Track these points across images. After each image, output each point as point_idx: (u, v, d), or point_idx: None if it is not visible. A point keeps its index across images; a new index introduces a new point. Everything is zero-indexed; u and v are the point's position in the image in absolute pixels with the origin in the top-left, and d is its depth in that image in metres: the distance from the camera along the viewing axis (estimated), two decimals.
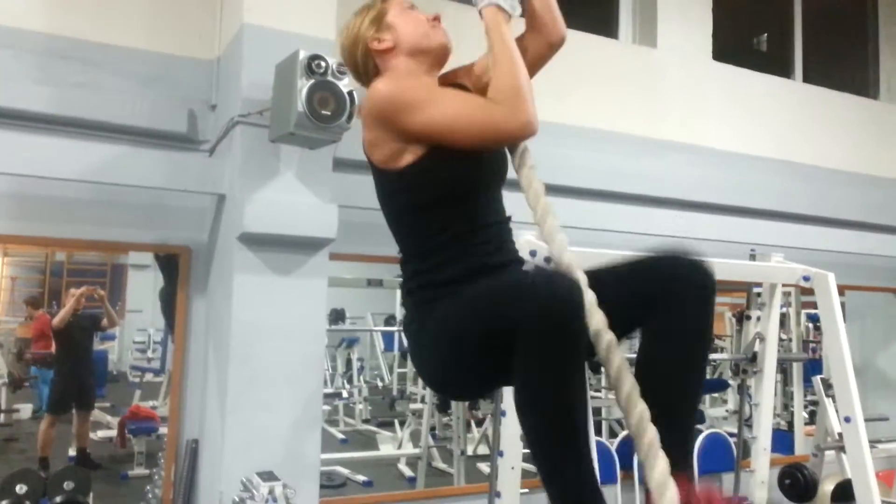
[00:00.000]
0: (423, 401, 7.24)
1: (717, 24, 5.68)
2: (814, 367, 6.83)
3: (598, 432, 6.62)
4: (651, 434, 1.32)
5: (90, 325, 7.04)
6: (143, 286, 14.02)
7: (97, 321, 7.18)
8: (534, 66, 1.69)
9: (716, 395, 8.78)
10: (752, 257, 4.02)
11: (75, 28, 3.61)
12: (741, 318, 3.98)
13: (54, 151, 3.32)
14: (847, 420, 3.36)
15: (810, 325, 8.97)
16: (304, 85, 3.02)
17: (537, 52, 1.73)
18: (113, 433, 7.07)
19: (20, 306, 12.84)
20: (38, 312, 9.75)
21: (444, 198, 1.59)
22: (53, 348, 7.09)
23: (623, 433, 4.94)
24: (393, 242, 1.80)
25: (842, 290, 7.37)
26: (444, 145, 1.53)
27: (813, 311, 9.49)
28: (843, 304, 8.76)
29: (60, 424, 6.72)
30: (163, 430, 5.73)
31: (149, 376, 11.45)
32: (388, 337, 11.07)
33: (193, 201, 3.80)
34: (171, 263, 3.98)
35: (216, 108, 3.82)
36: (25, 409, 8.77)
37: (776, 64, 6.47)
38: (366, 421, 9.09)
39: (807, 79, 6.43)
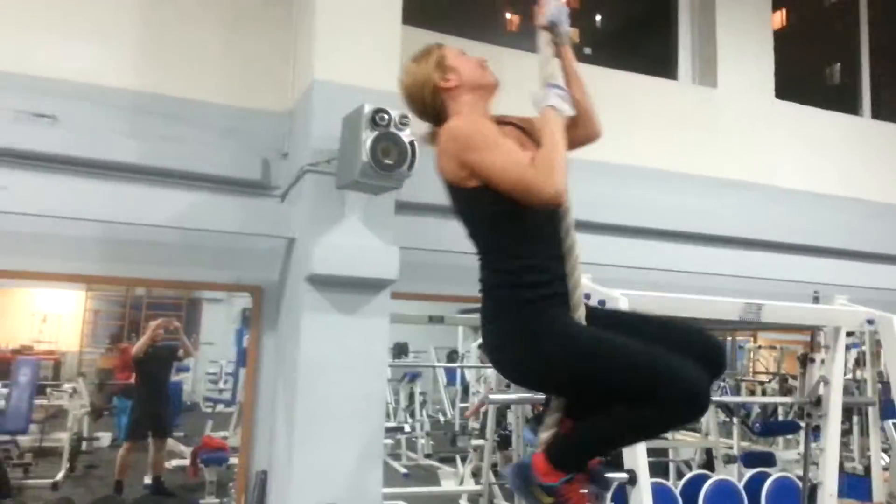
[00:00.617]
0: (484, 437, 7.27)
1: (781, 62, 5.67)
2: (893, 409, 6.57)
3: (665, 474, 6.51)
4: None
5: (167, 356, 7.37)
6: (217, 320, 14.64)
7: (174, 352, 7.51)
8: (570, 150, 1.99)
9: (789, 437, 8.50)
10: (816, 299, 3.97)
11: (160, 85, 3.92)
12: (805, 360, 3.91)
13: (141, 200, 3.61)
14: None
15: None
16: (368, 136, 3.21)
17: (576, 141, 2.11)
18: (186, 462, 7.34)
19: (103, 338, 13.52)
20: (122, 345, 10.21)
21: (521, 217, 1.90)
22: (133, 378, 7.44)
23: (689, 474, 4.88)
24: (452, 281, 2.03)
25: None
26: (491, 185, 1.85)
27: None
28: None
29: (137, 452, 7.04)
30: (233, 460, 5.96)
31: (220, 407, 11.83)
32: (450, 372, 11.14)
33: (265, 243, 4.03)
34: None
35: (287, 157, 4.06)
36: (105, 438, 9.20)
37: (844, 100, 6.39)
38: (427, 456, 9.16)
39: (875, 115, 6.32)
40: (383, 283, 3.65)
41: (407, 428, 9.20)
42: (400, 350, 11.36)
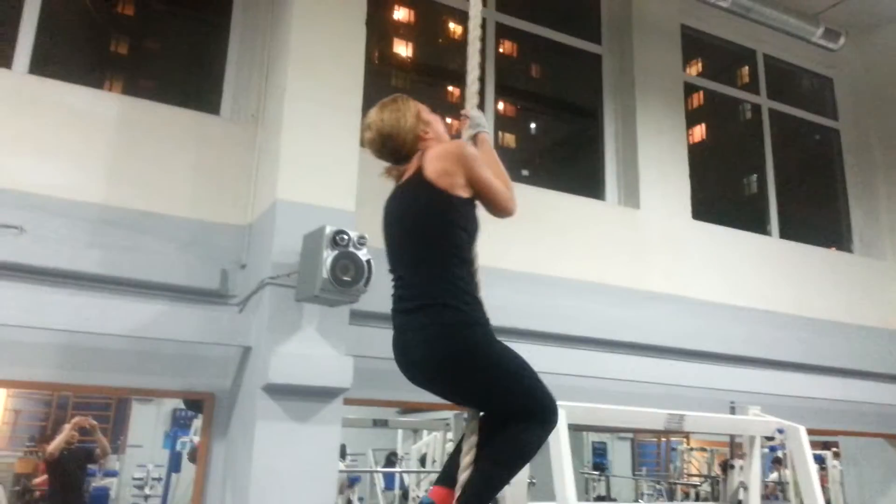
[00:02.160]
0: None
1: (701, 173, 6.20)
2: None
3: None
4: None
5: (84, 458, 7.05)
6: (146, 421, 14.04)
7: (90, 453, 7.19)
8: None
9: None
10: (732, 409, 4.31)
11: (126, 199, 4.12)
12: (725, 466, 4.21)
13: (102, 309, 3.73)
14: None
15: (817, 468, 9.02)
16: (329, 255, 3.49)
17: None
18: None
19: (23, 441, 12.80)
20: (45, 446, 9.74)
21: (474, 233, 2.30)
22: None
23: None
24: (402, 388, 2.29)
25: (834, 434, 7.55)
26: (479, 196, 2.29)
27: (817, 453, 9.57)
28: (837, 450, 8.85)
29: None
30: None
31: None
32: (388, 476, 11.01)
33: (219, 351, 4.16)
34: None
35: (246, 268, 4.26)
36: None
37: (754, 221, 7.00)
38: None
39: (783, 234, 6.94)
40: (337, 392, 3.83)
41: None
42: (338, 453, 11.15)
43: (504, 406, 2.15)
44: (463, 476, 2.10)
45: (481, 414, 2.21)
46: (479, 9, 2.67)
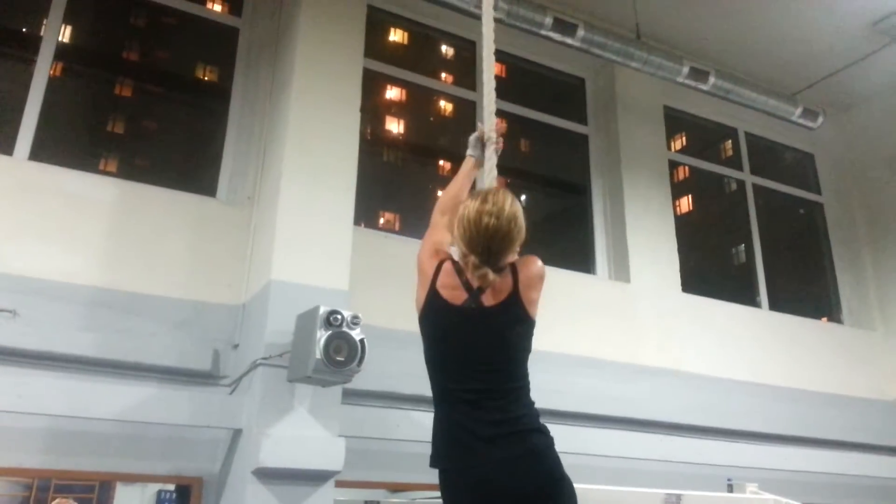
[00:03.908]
0: None
1: (689, 243, 6.28)
2: None
3: None
4: None
5: None
6: (130, 502, 13.66)
7: None
8: None
9: None
10: (730, 487, 4.27)
11: (121, 281, 4.14)
12: None
13: (91, 393, 3.70)
14: None
15: None
16: (322, 335, 3.50)
17: None
18: None
19: None
20: None
21: None
22: None
23: None
24: (393, 468, 2.20)
25: None
26: None
27: None
28: None
29: None
30: None
31: None
32: None
33: (208, 434, 4.11)
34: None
35: (238, 348, 4.26)
36: None
37: (744, 292, 7.06)
38: None
39: (773, 306, 6.99)
40: (329, 475, 3.77)
41: None
42: None
43: None
44: None
45: None
46: (490, 26, 2.67)
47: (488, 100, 2.58)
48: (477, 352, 2.09)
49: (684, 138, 7.80)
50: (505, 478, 1.97)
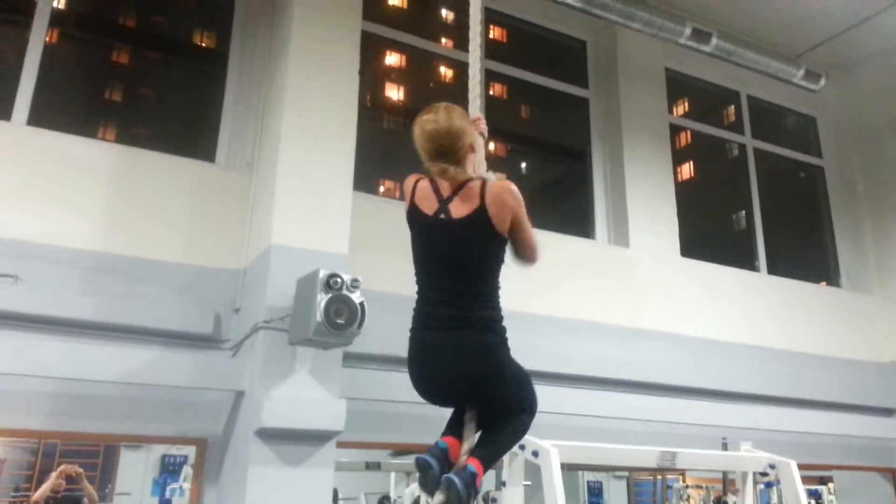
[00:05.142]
0: None
1: (690, 209, 6.28)
2: None
3: None
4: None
5: None
6: (135, 467, 13.81)
7: (78, 502, 7.11)
8: None
9: None
10: (724, 446, 4.33)
11: (121, 246, 4.16)
12: (719, 503, 4.21)
13: (94, 356, 3.74)
14: None
15: (812, 502, 8.97)
16: (322, 298, 3.53)
17: None
18: None
19: (7, 491, 12.56)
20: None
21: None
22: None
23: None
24: (395, 429, 2.25)
25: (826, 469, 7.52)
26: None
27: (812, 487, 9.51)
28: (832, 484, 8.82)
29: None
30: None
31: None
32: None
33: (211, 396, 4.16)
34: None
35: (239, 311, 4.29)
36: None
37: (743, 257, 7.08)
38: None
39: (772, 270, 7.01)
40: (330, 435, 3.83)
41: None
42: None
43: (513, 406, 2.45)
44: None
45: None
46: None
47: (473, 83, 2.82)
48: (443, 259, 2.41)
49: (686, 103, 7.75)
50: (431, 359, 2.37)
